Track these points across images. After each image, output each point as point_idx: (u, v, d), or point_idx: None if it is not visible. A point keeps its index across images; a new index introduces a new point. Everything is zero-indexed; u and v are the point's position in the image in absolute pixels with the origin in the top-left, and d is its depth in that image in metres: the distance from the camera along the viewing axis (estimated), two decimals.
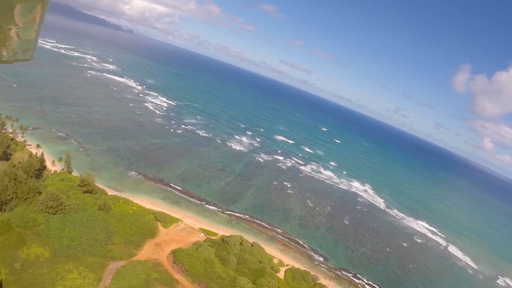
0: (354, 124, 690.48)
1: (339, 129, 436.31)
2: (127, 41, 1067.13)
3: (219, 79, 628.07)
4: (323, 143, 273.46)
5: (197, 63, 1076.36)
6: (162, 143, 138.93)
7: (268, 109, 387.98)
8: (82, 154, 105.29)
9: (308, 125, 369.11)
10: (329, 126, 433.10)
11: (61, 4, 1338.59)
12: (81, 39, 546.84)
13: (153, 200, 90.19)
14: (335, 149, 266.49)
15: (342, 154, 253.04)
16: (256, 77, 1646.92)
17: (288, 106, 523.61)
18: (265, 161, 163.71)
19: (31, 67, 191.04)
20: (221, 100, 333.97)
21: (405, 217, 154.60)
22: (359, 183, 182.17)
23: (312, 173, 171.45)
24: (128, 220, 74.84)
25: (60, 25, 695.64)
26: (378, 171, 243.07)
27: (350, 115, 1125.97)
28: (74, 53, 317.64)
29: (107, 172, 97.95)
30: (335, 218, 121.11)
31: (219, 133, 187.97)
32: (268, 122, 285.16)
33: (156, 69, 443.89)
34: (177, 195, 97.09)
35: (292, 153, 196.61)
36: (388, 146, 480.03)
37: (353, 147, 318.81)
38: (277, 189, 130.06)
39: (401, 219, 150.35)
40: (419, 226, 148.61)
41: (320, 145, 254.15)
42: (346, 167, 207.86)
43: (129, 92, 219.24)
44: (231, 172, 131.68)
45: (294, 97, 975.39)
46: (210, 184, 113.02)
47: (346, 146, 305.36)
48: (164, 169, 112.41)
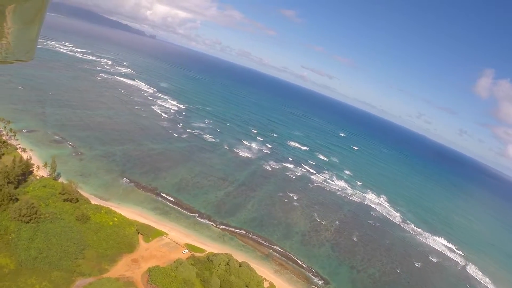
0: (375, 130, 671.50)
1: (358, 135, 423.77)
2: (149, 46, 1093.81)
3: (237, 84, 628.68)
4: (340, 150, 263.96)
5: (217, 68, 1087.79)
6: (162, 148, 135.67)
7: (285, 114, 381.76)
8: (74, 159, 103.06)
9: (326, 130, 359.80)
10: (348, 132, 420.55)
11: (84, 10, 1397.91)
12: (100, 43, 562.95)
13: (140, 210, 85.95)
14: (352, 156, 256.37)
15: (358, 162, 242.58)
16: (278, 82, 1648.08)
17: (306, 111, 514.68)
18: (272, 169, 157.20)
19: (40, 69, 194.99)
20: (236, 104, 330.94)
21: (422, 232, 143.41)
22: (374, 194, 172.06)
23: (323, 183, 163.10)
24: (105, 232, 70.64)
25: (81, 30, 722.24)
26: (395, 181, 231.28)
27: (371, 121, 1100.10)
28: (89, 57, 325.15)
29: (96, 179, 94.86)
30: (343, 234, 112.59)
31: (227, 138, 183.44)
32: (283, 127, 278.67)
33: (173, 73, 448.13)
34: (168, 205, 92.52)
35: (304, 160, 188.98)
36: (408, 153, 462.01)
37: (371, 154, 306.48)
38: (282, 201, 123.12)
39: (417, 235, 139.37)
40: (436, 243, 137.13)
41: (335, 152, 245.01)
42: (362, 177, 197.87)
43: (138, 95, 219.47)
44: (233, 182, 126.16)
45: (314, 102, 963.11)
46: (208, 194, 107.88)
47: (364, 153, 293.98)
48: (159, 176, 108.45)
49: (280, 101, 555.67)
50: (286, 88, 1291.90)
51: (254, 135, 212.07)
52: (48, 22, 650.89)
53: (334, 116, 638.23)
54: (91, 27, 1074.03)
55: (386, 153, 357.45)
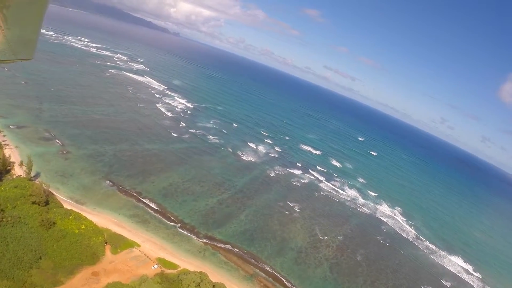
0: (396, 134, 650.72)
1: (377, 140, 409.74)
2: (171, 44, 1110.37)
3: (257, 83, 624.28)
4: (355, 155, 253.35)
5: (238, 66, 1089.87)
6: (159, 149, 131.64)
7: (302, 116, 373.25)
8: (59, 158, 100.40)
9: (343, 134, 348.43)
10: (367, 136, 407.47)
11: (109, 7, 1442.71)
12: (120, 39, 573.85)
13: (116, 217, 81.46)
14: (368, 163, 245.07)
15: (374, 169, 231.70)
16: (300, 83, 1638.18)
17: (325, 113, 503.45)
18: (277, 175, 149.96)
19: (47, 64, 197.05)
20: (250, 104, 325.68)
21: (436, 250, 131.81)
22: (387, 206, 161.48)
23: (332, 192, 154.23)
24: (68, 241, 66.32)
25: (103, 26, 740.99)
26: (413, 190, 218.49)
27: (393, 125, 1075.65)
28: (104, 52, 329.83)
29: (76, 180, 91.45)
30: (345, 252, 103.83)
31: (233, 140, 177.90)
32: (297, 130, 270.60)
33: (189, 71, 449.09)
34: (150, 213, 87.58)
35: (314, 166, 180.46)
36: (430, 160, 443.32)
37: (389, 160, 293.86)
38: (281, 212, 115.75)
39: (431, 253, 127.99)
40: (452, 264, 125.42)
41: (350, 158, 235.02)
42: (376, 186, 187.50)
43: (146, 92, 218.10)
44: (230, 188, 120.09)
45: (335, 104, 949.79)
46: (197, 201, 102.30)
47: (381, 159, 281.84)
48: (147, 180, 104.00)
49: (300, 102, 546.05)
50: (307, 89, 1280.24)
51: (263, 137, 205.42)
52: (70, 18, 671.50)
53: (354, 119, 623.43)
54: (115, 24, 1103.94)
55: (406, 160, 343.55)
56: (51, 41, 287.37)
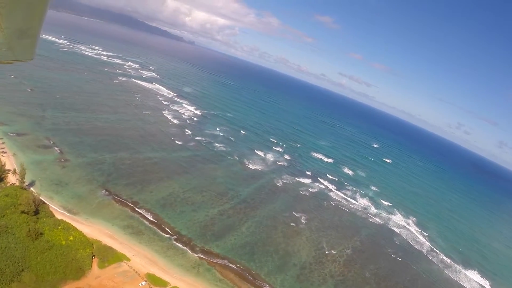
0: (411, 141, 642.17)
1: (392, 146, 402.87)
2: (185, 52, 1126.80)
3: (270, 90, 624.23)
4: (369, 163, 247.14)
5: (252, 74, 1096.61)
6: (161, 157, 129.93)
7: (315, 122, 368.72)
8: (56, 166, 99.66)
9: (357, 141, 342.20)
10: (382, 142, 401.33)
11: (125, 16, 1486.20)
12: (133, 48, 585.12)
13: (109, 228, 79.25)
14: (382, 170, 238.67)
15: (388, 177, 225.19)
16: (314, 90, 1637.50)
17: (340, 120, 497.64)
18: (284, 184, 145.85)
19: (55, 72, 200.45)
20: (262, 111, 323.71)
21: (452, 264, 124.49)
22: (401, 215, 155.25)
23: (342, 201, 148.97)
24: (54, 253, 64.29)
25: (118, 35, 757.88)
26: (429, 199, 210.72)
27: (408, 130, 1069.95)
28: (115, 60, 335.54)
29: (72, 189, 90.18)
30: (353, 268, 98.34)
31: (240, 148, 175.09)
32: (309, 137, 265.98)
33: (201, 79, 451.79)
34: (145, 224, 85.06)
35: (324, 174, 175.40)
36: (446, 166, 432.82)
37: (404, 167, 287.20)
38: (286, 223, 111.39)
39: (446, 267, 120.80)
40: (468, 279, 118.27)
41: (364, 166, 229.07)
42: (389, 194, 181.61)
43: (153, 99, 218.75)
44: (233, 198, 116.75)
45: (350, 110, 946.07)
46: (197, 212, 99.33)
47: (396, 167, 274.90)
48: (146, 189, 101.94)
49: (313, 109, 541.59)
50: (322, 95, 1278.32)
51: (273, 145, 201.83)
52: (86, 27, 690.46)
53: (369, 125, 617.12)
54: (130, 33, 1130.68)
55: (422, 167, 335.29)
56: (63, 49, 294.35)
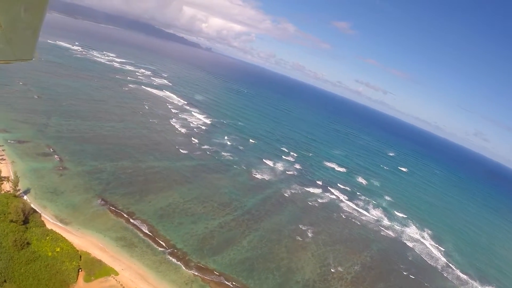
0: (428, 148, 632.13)
1: (408, 155, 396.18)
2: (202, 59, 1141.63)
3: (285, 98, 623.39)
4: (384, 172, 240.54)
5: (268, 81, 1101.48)
6: (163, 166, 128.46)
7: (329, 131, 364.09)
8: (54, 174, 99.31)
9: (372, 149, 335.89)
10: (398, 151, 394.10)
11: (141, 23, 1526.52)
12: (148, 54, 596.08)
13: (101, 239, 77.39)
14: (396, 180, 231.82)
15: (403, 187, 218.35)
16: (331, 97, 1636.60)
17: (355, 128, 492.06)
18: (293, 194, 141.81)
19: (64, 79, 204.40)
20: (274, 119, 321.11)
21: (469, 281, 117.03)
22: (415, 227, 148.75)
23: (353, 213, 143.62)
24: (38, 264, 62.69)
25: (134, 41, 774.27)
26: (445, 210, 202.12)
27: (425, 138, 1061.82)
28: (127, 67, 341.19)
29: (67, 198, 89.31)
30: (361, 286, 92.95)
31: (248, 157, 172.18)
32: (322, 145, 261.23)
33: (215, 86, 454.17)
34: (139, 236, 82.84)
35: (336, 185, 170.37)
36: (464, 174, 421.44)
37: (420, 177, 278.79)
38: (291, 237, 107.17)
39: (462, 284, 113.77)
40: None
41: (378, 175, 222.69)
42: (404, 205, 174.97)
43: (163, 107, 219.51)
44: (236, 209, 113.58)
45: (366, 117, 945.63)
46: (196, 224, 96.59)
47: (412, 176, 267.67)
48: (144, 199, 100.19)
49: (328, 116, 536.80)
50: (338, 103, 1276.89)
51: (283, 154, 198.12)
52: (102, 33, 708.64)
53: (385, 133, 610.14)
54: (146, 39, 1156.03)
55: (438, 175, 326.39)
56: (75, 56, 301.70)
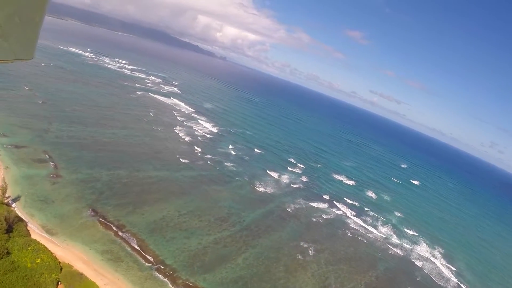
0: (442, 160, 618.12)
1: (421, 167, 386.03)
2: (216, 67, 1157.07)
3: (297, 107, 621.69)
4: (395, 185, 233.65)
5: (282, 90, 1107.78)
6: (162, 176, 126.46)
7: (341, 141, 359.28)
8: (47, 182, 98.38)
9: (385, 161, 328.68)
10: (411, 162, 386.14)
11: (156, 31, 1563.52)
12: (160, 62, 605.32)
13: (86, 252, 75.10)
14: (408, 193, 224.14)
15: (414, 201, 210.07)
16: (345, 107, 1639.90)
17: (367, 138, 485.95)
18: (296, 209, 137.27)
19: (71, 84, 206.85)
20: (284, 128, 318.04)
21: None
22: (426, 245, 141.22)
23: (360, 229, 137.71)
24: (16, 276, 60.67)
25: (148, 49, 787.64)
26: (458, 225, 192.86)
27: (439, 149, 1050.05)
28: (138, 74, 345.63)
29: (56, 207, 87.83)
30: None
31: (253, 168, 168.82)
32: (333, 157, 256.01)
33: (226, 94, 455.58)
34: (126, 250, 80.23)
35: (343, 199, 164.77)
36: (478, 187, 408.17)
37: (433, 190, 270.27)
38: (291, 255, 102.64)
39: None
40: None
41: (389, 188, 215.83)
42: (414, 221, 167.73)
43: (168, 115, 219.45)
44: (234, 224, 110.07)
45: (379, 128, 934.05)
46: (189, 239, 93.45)
47: (424, 189, 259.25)
48: (137, 211, 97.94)
49: (341, 127, 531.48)
50: (352, 113, 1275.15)
51: (290, 165, 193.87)
52: (116, 41, 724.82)
53: (399, 144, 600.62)
54: (161, 47, 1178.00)
55: (452, 189, 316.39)
56: (86, 62, 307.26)
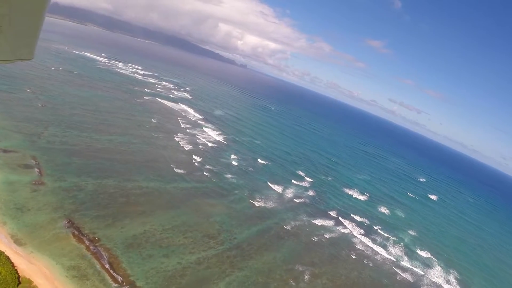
0: (463, 173, 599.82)
1: (441, 180, 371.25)
2: (235, 75, 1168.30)
3: (315, 116, 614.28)
4: (410, 201, 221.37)
5: (300, 98, 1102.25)
6: (153, 187, 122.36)
7: (356, 152, 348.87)
8: (27, 189, 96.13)
9: (402, 174, 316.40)
10: (430, 176, 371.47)
11: (178, 38, 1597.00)
12: (178, 68, 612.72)
13: (51, 267, 71.21)
14: (423, 210, 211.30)
15: (430, 218, 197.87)
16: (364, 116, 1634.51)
17: (385, 149, 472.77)
18: (297, 227, 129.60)
19: (77, 88, 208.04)
20: (297, 138, 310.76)
21: None
22: (440, 269, 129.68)
23: (367, 251, 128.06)
24: None
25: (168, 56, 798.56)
26: (477, 246, 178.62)
27: (460, 162, 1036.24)
28: (150, 79, 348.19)
29: (31, 216, 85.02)
30: None
31: (254, 180, 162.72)
32: (345, 169, 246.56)
33: (241, 101, 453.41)
34: (95, 267, 75.75)
35: (351, 215, 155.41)
36: (500, 202, 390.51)
37: (451, 206, 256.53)
38: (283, 280, 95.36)
39: None
40: None
41: (403, 204, 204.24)
42: (428, 241, 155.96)
43: (173, 121, 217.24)
44: (223, 242, 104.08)
45: (398, 138, 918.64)
46: (168, 258, 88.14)
47: (442, 205, 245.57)
48: (117, 224, 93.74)
49: (358, 137, 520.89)
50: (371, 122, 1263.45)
51: (297, 178, 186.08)
52: (136, 47, 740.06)
53: (417, 156, 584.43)
54: (182, 54, 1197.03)
55: (472, 204, 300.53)
56: (98, 67, 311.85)
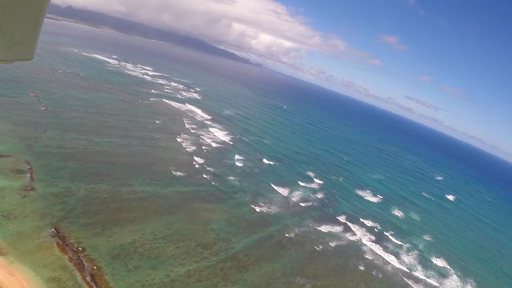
0: (482, 170, 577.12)
1: (458, 178, 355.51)
2: (249, 74, 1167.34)
3: (329, 114, 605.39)
4: (426, 202, 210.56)
5: (315, 97, 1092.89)
6: (149, 192, 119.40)
7: (370, 151, 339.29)
8: (16, 195, 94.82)
9: (418, 173, 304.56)
10: (447, 174, 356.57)
11: (192, 38, 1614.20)
12: (190, 69, 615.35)
13: (30, 279, 68.93)
14: (440, 212, 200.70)
15: (447, 221, 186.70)
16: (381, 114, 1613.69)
17: (401, 147, 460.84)
18: (302, 234, 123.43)
19: (81, 90, 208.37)
20: (309, 137, 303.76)
21: None
22: (457, 278, 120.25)
23: (377, 260, 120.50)
24: None
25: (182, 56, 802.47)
26: (496, 253, 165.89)
27: (479, 158, 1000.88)
28: (159, 80, 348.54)
29: (17, 224, 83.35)
30: None
31: (259, 183, 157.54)
32: (358, 169, 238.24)
33: (251, 100, 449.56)
34: (76, 279, 73.01)
35: (362, 220, 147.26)
36: None
37: (470, 207, 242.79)
38: None
39: None
40: None
41: (418, 206, 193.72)
42: (444, 247, 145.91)
43: (178, 123, 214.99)
44: (219, 252, 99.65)
45: (415, 135, 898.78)
46: (156, 269, 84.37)
47: (459, 206, 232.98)
48: (105, 233, 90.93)
49: (374, 134, 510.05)
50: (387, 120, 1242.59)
51: (305, 180, 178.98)
52: (148, 48, 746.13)
53: (435, 153, 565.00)
54: (196, 55, 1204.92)
55: (491, 203, 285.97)
56: (106, 69, 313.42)
